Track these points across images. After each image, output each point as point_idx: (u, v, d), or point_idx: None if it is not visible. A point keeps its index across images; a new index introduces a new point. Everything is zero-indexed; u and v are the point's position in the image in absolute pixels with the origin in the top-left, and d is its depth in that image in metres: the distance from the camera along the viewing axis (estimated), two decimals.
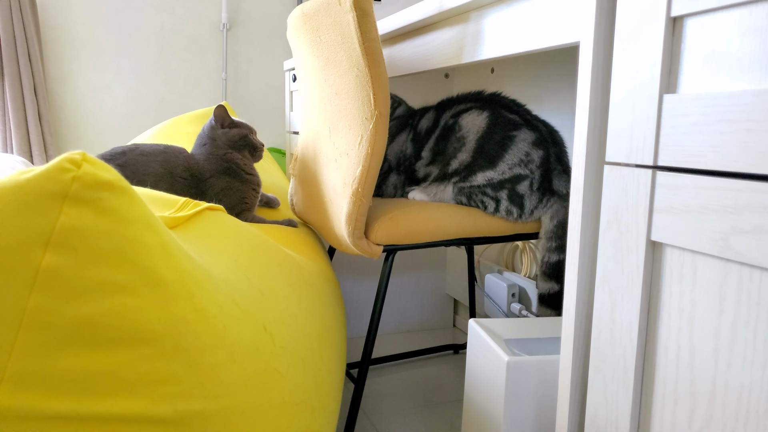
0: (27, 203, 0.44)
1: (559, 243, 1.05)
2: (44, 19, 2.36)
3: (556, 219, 1.05)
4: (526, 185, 1.05)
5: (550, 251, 1.06)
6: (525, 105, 1.15)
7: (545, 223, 1.07)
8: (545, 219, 1.07)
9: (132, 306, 0.48)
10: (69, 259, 0.45)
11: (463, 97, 1.19)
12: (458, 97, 1.20)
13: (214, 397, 0.54)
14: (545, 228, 1.07)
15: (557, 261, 1.06)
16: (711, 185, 0.50)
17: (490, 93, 1.17)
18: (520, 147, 1.05)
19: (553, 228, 1.05)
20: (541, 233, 1.08)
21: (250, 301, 0.68)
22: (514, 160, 1.05)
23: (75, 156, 0.46)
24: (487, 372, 0.87)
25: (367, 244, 1.03)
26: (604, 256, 0.62)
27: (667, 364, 0.56)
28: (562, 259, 1.06)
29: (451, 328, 1.88)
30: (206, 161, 1.27)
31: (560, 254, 1.06)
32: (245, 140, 1.30)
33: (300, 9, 1.10)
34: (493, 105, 1.11)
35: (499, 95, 1.16)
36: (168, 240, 0.54)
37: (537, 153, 1.06)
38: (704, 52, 0.52)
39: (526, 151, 1.05)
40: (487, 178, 1.06)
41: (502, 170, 1.05)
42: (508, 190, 1.06)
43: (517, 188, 1.05)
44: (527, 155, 1.05)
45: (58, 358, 0.45)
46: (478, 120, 1.09)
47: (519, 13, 0.85)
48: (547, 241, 1.06)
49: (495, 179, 1.06)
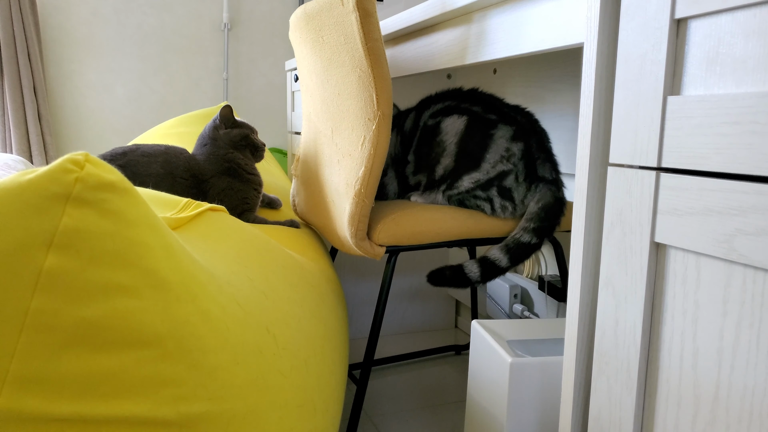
0: (29, 204, 0.44)
1: (536, 225, 1.03)
2: (44, 18, 2.36)
3: (542, 202, 1.05)
4: (512, 179, 1.05)
5: (524, 230, 1.04)
6: (503, 99, 1.15)
7: (530, 206, 1.06)
8: (531, 203, 1.06)
9: (135, 308, 0.48)
10: (72, 260, 0.45)
11: (441, 95, 1.18)
12: (436, 96, 1.19)
13: (218, 399, 0.54)
14: (529, 210, 1.05)
15: (526, 243, 1.02)
16: (715, 187, 0.49)
17: (467, 89, 1.17)
18: (500, 144, 1.05)
19: (537, 210, 1.04)
20: (524, 216, 1.06)
21: (253, 302, 0.68)
22: (495, 158, 1.05)
23: (78, 157, 0.46)
24: (490, 373, 0.86)
25: (370, 245, 1.03)
26: (608, 257, 0.62)
27: (670, 365, 0.55)
28: (531, 243, 1.02)
29: (453, 329, 1.87)
30: (207, 161, 1.26)
31: (532, 238, 1.02)
32: (247, 140, 1.30)
33: (302, 9, 1.10)
34: (470, 105, 1.11)
35: (477, 91, 1.15)
36: (171, 241, 0.54)
37: (517, 146, 1.06)
38: (708, 54, 0.51)
39: (506, 147, 1.05)
40: (474, 180, 1.06)
41: (486, 170, 1.05)
42: (496, 188, 1.06)
43: (503, 183, 1.05)
44: (507, 150, 1.05)
45: (60, 360, 0.45)
46: (457, 123, 1.09)
47: (523, 15, 0.84)
48: (525, 222, 1.04)
49: (482, 179, 1.06)
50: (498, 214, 1.08)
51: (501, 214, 1.07)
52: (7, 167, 1.72)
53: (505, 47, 0.89)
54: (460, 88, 1.18)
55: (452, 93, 1.17)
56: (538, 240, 1.02)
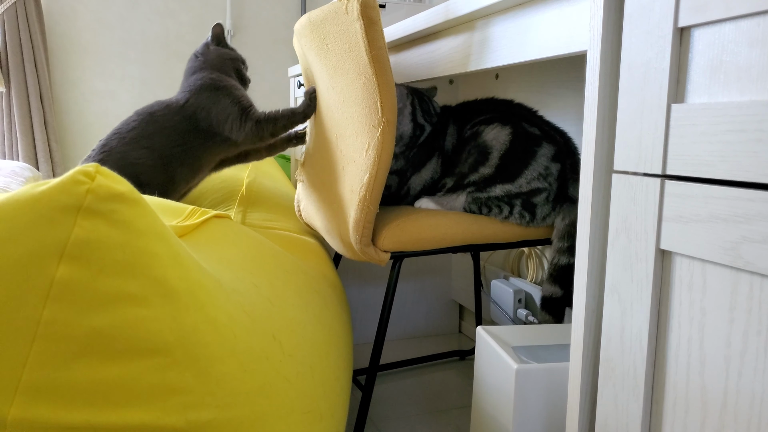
0: (42, 215, 0.45)
1: (570, 243, 1.06)
2: (50, 26, 2.38)
3: (568, 218, 1.06)
4: (543, 197, 1.07)
5: (560, 252, 1.06)
6: (541, 114, 1.16)
7: (557, 224, 1.08)
8: (557, 220, 1.08)
9: (144, 316, 0.49)
10: (83, 270, 0.46)
11: (482, 107, 1.19)
12: (477, 106, 1.20)
13: (225, 406, 0.55)
14: (557, 228, 1.08)
15: (567, 264, 1.06)
16: (721, 194, 0.50)
17: (506, 101, 1.18)
18: (540, 162, 1.07)
19: (565, 227, 1.06)
20: (553, 235, 1.08)
21: (259, 309, 0.68)
22: (533, 174, 1.06)
23: (89, 168, 0.46)
24: (495, 380, 0.87)
25: (375, 251, 1.03)
26: (613, 264, 0.62)
27: (677, 372, 0.56)
28: (571, 263, 1.06)
29: (457, 333, 1.87)
30: (186, 91, 1.15)
31: (570, 257, 1.06)
32: (236, 63, 1.20)
33: (307, 17, 1.11)
34: (514, 117, 1.12)
35: (518, 105, 1.17)
36: (179, 250, 0.54)
37: (555, 166, 1.07)
38: (712, 63, 0.52)
39: (546, 165, 1.07)
40: (506, 191, 1.07)
41: (520, 184, 1.06)
42: (522, 200, 1.07)
43: (533, 199, 1.07)
44: (546, 169, 1.06)
45: (72, 369, 0.46)
46: (501, 135, 1.10)
47: (526, 22, 0.85)
48: (558, 242, 1.07)
49: (513, 191, 1.07)
50: (512, 220, 1.08)
51: (515, 221, 1.08)
52: (14, 174, 1.73)
53: (508, 54, 0.89)
54: (494, 98, 1.19)
55: (492, 105, 1.18)
56: (575, 258, 1.06)
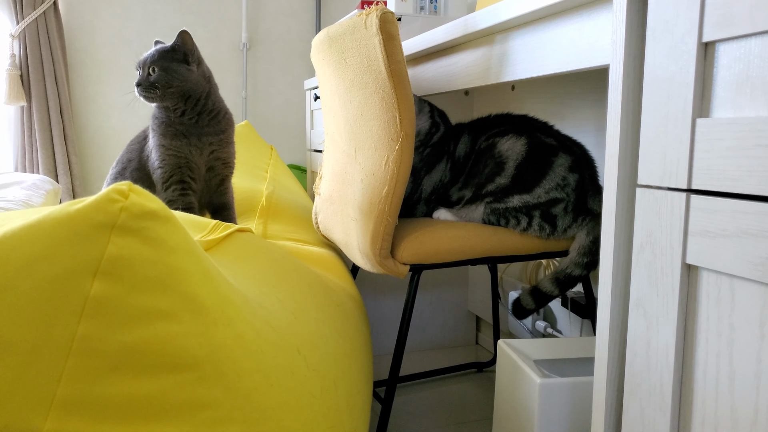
0: (77, 233, 0.46)
1: (589, 260, 1.05)
2: (70, 42, 2.42)
3: (593, 235, 1.06)
4: (561, 207, 1.07)
5: (576, 265, 1.06)
6: (554, 126, 1.16)
7: (580, 238, 1.07)
8: (581, 234, 1.07)
9: (175, 332, 0.49)
10: (116, 287, 0.47)
11: (496, 120, 1.20)
12: (491, 120, 1.21)
13: (252, 421, 0.55)
14: (580, 243, 1.07)
15: (578, 276, 1.06)
16: (749, 209, 0.50)
17: (520, 116, 1.18)
18: (558, 172, 1.07)
19: (589, 243, 1.06)
20: (573, 246, 1.08)
21: (284, 324, 0.69)
22: (551, 185, 1.07)
23: (122, 187, 0.47)
24: (518, 394, 0.86)
25: (394, 263, 1.04)
26: (638, 278, 0.62)
27: (705, 388, 0.55)
28: (580, 276, 1.06)
29: (474, 345, 1.87)
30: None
31: (582, 271, 1.06)
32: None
33: (325, 32, 1.12)
34: (528, 129, 1.13)
35: (531, 118, 1.18)
36: (208, 266, 0.55)
37: (573, 177, 1.07)
38: (738, 77, 0.52)
39: (563, 175, 1.07)
40: (523, 201, 1.07)
41: (538, 194, 1.07)
42: (541, 211, 1.07)
43: (551, 210, 1.07)
44: (564, 179, 1.06)
45: (105, 384, 0.46)
46: (517, 145, 1.10)
47: (545, 36, 0.85)
48: (577, 256, 1.06)
49: (531, 202, 1.07)
50: (531, 232, 1.08)
51: (537, 232, 1.08)
52: (35, 187, 1.76)
53: (527, 68, 0.89)
54: (510, 114, 1.21)
55: (506, 118, 1.19)
56: (586, 273, 1.07)
